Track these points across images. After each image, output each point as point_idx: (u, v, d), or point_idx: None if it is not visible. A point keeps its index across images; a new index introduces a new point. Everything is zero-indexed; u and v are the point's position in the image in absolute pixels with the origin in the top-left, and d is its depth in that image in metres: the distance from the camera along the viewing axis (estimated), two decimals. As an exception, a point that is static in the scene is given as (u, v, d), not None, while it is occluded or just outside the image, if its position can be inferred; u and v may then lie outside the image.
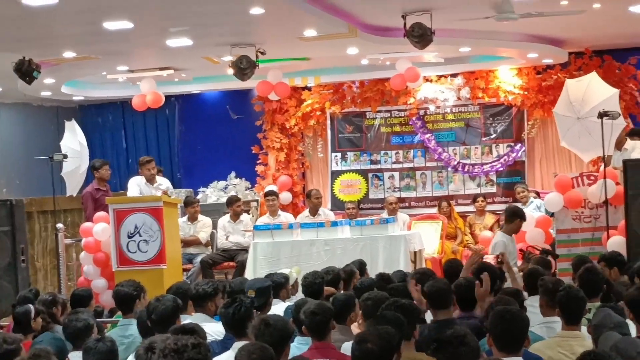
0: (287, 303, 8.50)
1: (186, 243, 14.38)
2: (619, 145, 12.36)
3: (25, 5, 9.47)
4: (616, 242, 11.28)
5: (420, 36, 11.47)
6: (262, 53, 12.77)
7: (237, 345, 6.09)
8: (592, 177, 12.37)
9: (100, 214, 13.20)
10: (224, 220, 14.90)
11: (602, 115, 11.54)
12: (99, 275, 13.11)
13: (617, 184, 11.86)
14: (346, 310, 7.02)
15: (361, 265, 10.32)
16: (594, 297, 7.19)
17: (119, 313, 8.92)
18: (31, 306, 8.31)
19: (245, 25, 11.86)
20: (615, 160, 12.28)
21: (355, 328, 7.21)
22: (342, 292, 8.68)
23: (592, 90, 12.35)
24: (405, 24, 11.56)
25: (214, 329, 7.42)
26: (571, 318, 6.32)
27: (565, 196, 12.34)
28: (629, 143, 12.32)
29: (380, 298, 6.82)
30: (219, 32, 12.13)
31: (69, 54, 12.96)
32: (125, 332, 7.79)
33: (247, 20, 11.39)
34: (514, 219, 11.18)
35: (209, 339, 7.10)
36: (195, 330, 6.12)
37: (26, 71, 12.11)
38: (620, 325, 5.38)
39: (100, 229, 13.01)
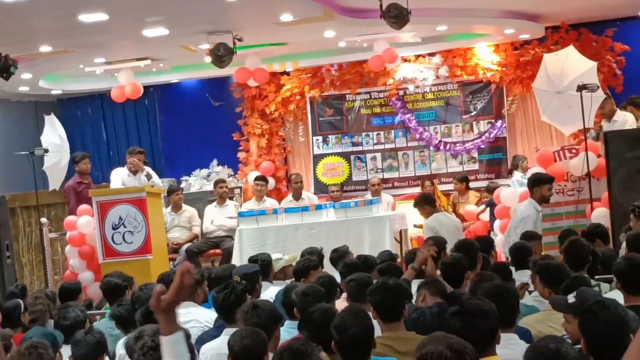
0: (278, 287, 8.52)
1: (187, 241, 14.46)
2: (609, 116, 12.31)
3: (-1, 1, 9.44)
4: (600, 214, 11.31)
5: (397, 16, 11.44)
6: (240, 40, 12.74)
7: (229, 331, 6.10)
8: (573, 150, 12.38)
9: (84, 206, 13.17)
10: (211, 206, 14.96)
11: (581, 88, 11.55)
12: (85, 268, 13.09)
13: (599, 156, 11.89)
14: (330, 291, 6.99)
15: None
16: (580, 269, 7.22)
17: (107, 305, 8.93)
18: (20, 301, 8.32)
19: (222, 13, 11.83)
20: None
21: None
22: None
23: (570, 64, 12.36)
24: (381, 4, 11.51)
25: (204, 317, 7.44)
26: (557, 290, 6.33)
27: (547, 170, 12.36)
28: (619, 114, 12.26)
29: (363, 280, 6.85)
30: (195, 20, 12.10)
31: (45, 48, 12.91)
32: (111, 323, 7.78)
33: (223, 7, 11.37)
34: (535, 185, 10.78)
35: (199, 326, 7.12)
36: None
37: (3, 67, 12.00)
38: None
39: (84, 221, 12.99)
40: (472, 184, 16.01)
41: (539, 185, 10.65)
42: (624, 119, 12.14)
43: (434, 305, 6.54)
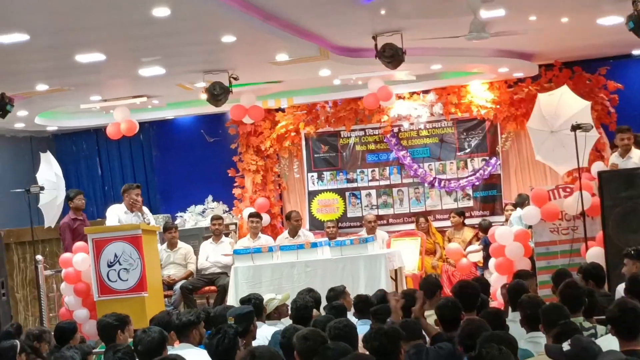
0: (276, 328, 8.52)
1: (183, 278, 14.48)
2: (626, 150, 12.27)
3: (-4, 42, 9.50)
4: (595, 253, 11.34)
5: (392, 56, 11.53)
6: (235, 79, 12.80)
7: (224, 376, 6.12)
8: (568, 189, 12.43)
9: (79, 244, 13.18)
10: (207, 242, 14.99)
11: (575, 127, 11.62)
12: (81, 306, 13.08)
13: (593, 195, 11.94)
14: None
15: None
16: (576, 311, 7.25)
17: (102, 344, 8.94)
18: (17, 341, 8.33)
19: (218, 53, 11.89)
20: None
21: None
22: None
23: (564, 104, 12.44)
24: (376, 45, 11.62)
25: (198, 358, 7.41)
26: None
27: (542, 209, 12.40)
28: (635, 151, 12.26)
29: (350, 325, 6.88)
30: (191, 59, 12.16)
31: (42, 87, 12.96)
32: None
33: (219, 48, 11.43)
34: None
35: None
36: (175, 363, 6.11)
37: (-1, 106, 12.11)
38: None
39: (79, 259, 12.99)
40: (467, 221, 16.03)
41: None
42: None
43: (412, 347, 6.57)
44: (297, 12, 10.67)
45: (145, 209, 13.72)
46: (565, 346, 5.30)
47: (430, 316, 7.86)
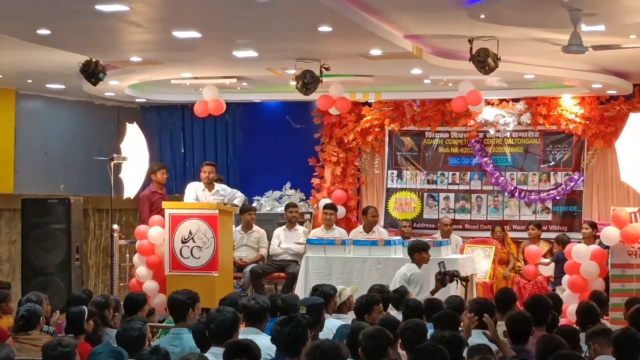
0: (341, 321, 8.50)
1: (254, 262, 14.55)
2: None
3: (97, 10, 9.56)
4: (671, 281, 11.19)
5: (485, 61, 11.43)
6: (327, 69, 12.77)
7: (289, 365, 6.11)
8: (651, 214, 12.26)
9: (156, 217, 13.32)
10: (280, 229, 15.05)
11: (665, 152, 11.47)
12: (151, 278, 13.23)
13: (676, 221, 11.75)
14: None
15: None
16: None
17: (170, 318, 9.03)
18: (85, 308, 8.45)
19: (312, 42, 11.87)
20: None
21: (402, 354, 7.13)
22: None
23: (656, 126, 12.25)
24: (471, 48, 11.53)
25: (267, 345, 7.39)
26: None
27: (622, 231, 12.23)
28: None
29: (420, 327, 6.86)
30: (285, 46, 12.16)
31: (135, 59, 13.07)
32: (173, 341, 7.82)
33: (314, 37, 11.42)
34: None
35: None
36: (249, 347, 6.11)
37: (92, 72, 12.25)
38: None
39: (155, 232, 13.14)
40: (543, 234, 15.84)
41: None
42: None
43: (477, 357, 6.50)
44: (396, 9, 10.62)
45: (222, 187, 13.85)
46: None
47: (500, 326, 7.78)
